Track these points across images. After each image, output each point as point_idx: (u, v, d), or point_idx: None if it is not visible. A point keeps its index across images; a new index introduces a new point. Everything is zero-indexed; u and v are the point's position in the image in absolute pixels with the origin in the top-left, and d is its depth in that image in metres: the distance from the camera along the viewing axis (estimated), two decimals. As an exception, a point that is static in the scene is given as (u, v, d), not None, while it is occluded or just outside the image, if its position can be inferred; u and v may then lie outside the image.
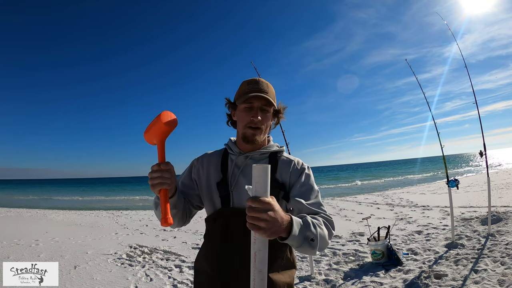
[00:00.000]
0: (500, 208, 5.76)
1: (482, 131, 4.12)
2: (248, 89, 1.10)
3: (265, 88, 1.11)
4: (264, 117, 1.11)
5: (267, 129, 1.15)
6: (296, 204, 1.04)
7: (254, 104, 1.09)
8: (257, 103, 1.09)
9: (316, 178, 1.18)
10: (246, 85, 1.12)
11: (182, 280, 3.39)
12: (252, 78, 1.14)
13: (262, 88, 1.10)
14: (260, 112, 1.10)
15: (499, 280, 2.63)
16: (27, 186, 44.71)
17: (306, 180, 1.11)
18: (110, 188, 37.08)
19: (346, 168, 77.66)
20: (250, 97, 1.08)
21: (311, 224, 0.90)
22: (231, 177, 1.13)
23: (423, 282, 2.80)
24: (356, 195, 13.10)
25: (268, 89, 1.12)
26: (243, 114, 1.11)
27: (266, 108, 1.11)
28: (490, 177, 4.40)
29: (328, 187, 21.80)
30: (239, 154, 1.15)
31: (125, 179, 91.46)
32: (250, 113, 1.09)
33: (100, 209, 13.18)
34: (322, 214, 1.03)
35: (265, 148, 1.17)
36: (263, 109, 1.11)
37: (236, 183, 1.11)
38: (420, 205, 7.73)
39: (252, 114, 1.09)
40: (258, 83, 1.12)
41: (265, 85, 1.12)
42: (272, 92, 1.14)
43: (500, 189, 8.87)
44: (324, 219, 1.01)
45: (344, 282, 3.06)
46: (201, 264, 1.15)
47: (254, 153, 1.15)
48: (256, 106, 1.09)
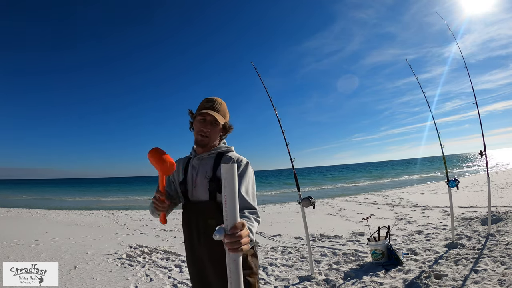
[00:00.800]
0: (500, 208, 5.77)
1: (482, 131, 4.12)
2: (204, 106, 1.44)
3: (217, 106, 1.44)
4: (212, 129, 1.44)
5: (216, 138, 1.48)
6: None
7: (206, 117, 1.43)
8: (209, 117, 1.43)
9: (316, 178, 1.24)
10: (205, 102, 1.46)
11: (182, 280, 3.38)
12: (210, 97, 1.48)
13: (215, 106, 1.44)
14: (209, 125, 1.43)
15: (499, 280, 2.62)
16: (27, 186, 44.71)
17: (240, 176, 1.31)
18: (110, 188, 37.08)
19: (346, 168, 77.67)
20: (203, 112, 1.41)
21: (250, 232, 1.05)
22: (190, 176, 1.47)
23: (423, 282, 2.80)
24: (356, 195, 13.10)
25: (220, 108, 1.45)
26: (197, 124, 1.44)
27: (215, 123, 1.44)
28: (490, 177, 4.40)
29: (328, 187, 21.82)
30: (194, 157, 1.49)
31: (125, 179, 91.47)
32: (202, 124, 1.43)
33: (100, 209, 13.19)
34: (249, 209, 1.24)
35: (214, 149, 1.47)
36: (212, 123, 1.43)
37: (193, 181, 1.45)
38: (420, 205, 7.74)
39: (203, 126, 1.43)
40: (213, 102, 1.45)
41: (218, 103, 1.46)
42: (223, 110, 1.46)
43: (500, 189, 8.88)
44: (251, 213, 1.22)
45: (344, 282, 3.06)
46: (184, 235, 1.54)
47: (204, 154, 1.47)
48: (208, 119, 1.43)
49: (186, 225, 1.47)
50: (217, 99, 1.48)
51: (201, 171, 1.44)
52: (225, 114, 1.49)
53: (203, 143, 1.44)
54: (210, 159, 1.46)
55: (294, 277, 3.31)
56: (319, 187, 21.95)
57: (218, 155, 1.46)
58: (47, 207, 13.50)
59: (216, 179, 1.38)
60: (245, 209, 1.22)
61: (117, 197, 22.10)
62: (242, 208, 1.21)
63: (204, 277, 1.43)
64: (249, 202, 1.26)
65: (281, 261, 3.90)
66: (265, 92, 3.46)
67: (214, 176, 1.39)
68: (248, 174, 1.36)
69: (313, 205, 3.18)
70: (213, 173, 1.40)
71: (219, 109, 1.45)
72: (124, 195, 23.56)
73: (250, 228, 1.08)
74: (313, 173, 52.49)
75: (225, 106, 1.50)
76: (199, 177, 1.43)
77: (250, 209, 1.24)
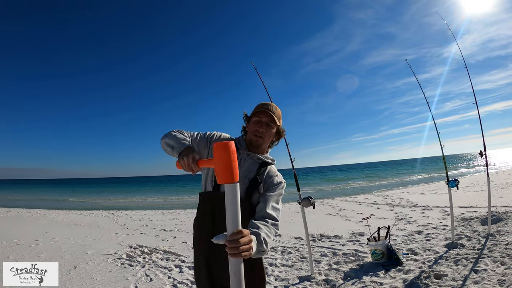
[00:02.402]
0: (500, 208, 5.77)
1: (482, 131, 4.12)
2: (261, 108, 1.47)
3: (273, 109, 1.47)
4: (267, 130, 1.45)
5: (269, 141, 1.49)
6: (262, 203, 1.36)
7: (262, 119, 1.44)
8: (265, 119, 1.44)
9: (316, 178, 1.29)
10: (261, 105, 1.49)
11: (182, 280, 3.38)
12: (266, 102, 1.52)
13: (271, 109, 1.46)
14: (265, 126, 1.44)
15: (499, 280, 2.63)
16: (27, 186, 44.70)
17: (277, 193, 1.42)
18: (110, 188, 37.08)
19: (346, 168, 77.64)
20: (260, 112, 1.45)
21: (263, 241, 1.16)
22: None
23: (423, 282, 2.80)
24: (356, 195, 13.10)
25: (275, 111, 1.47)
26: (253, 125, 1.46)
27: (270, 124, 1.45)
28: (490, 177, 4.40)
29: (328, 187, 21.81)
30: (244, 150, 1.47)
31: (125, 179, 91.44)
32: (257, 124, 1.44)
33: (100, 209, 13.18)
34: (273, 221, 1.31)
35: (261, 155, 1.48)
36: (268, 124, 1.45)
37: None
38: (420, 205, 7.74)
39: (258, 126, 1.44)
40: (269, 105, 1.48)
41: (274, 107, 1.49)
42: (278, 114, 1.48)
43: (500, 189, 8.88)
44: (273, 225, 1.29)
45: (344, 282, 3.06)
46: (196, 224, 1.53)
47: (254, 155, 1.46)
48: (264, 121, 1.44)
49: (210, 216, 1.42)
50: (272, 103, 1.51)
51: (245, 168, 1.44)
52: (280, 118, 1.51)
53: (258, 143, 1.45)
54: (256, 163, 1.47)
55: (294, 277, 3.31)
56: (319, 187, 21.94)
57: (263, 163, 1.48)
58: (47, 207, 13.49)
59: (257, 182, 1.41)
60: (270, 219, 1.31)
61: (117, 197, 22.09)
62: (268, 217, 1.31)
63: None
64: (274, 216, 1.34)
65: (281, 261, 3.90)
66: (265, 92, 3.46)
67: (256, 178, 1.42)
68: (281, 192, 1.45)
69: (313, 205, 3.18)
70: (255, 175, 1.43)
71: (275, 112, 1.47)
72: (124, 195, 23.55)
73: (265, 238, 1.18)
74: (313, 173, 52.48)
75: (280, 112, 1.52)
76: (241, 173, 1.40)
77: (274, 221, 1.32)
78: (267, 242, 1.19)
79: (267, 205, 1.35)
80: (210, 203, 1.43)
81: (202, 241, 1.46)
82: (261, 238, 1.16)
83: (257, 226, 1.21)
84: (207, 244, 1.39)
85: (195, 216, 1.55)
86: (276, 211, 1.36)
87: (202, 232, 1.46)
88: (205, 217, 1.44)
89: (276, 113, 1.47)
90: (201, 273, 1.46)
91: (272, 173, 1.47)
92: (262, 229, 1.20)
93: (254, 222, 1.25)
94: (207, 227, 1.42)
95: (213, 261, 1.42)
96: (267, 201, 1.37)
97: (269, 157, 1.52)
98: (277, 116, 1.47)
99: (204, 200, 1.47)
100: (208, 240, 1.37)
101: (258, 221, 1.27)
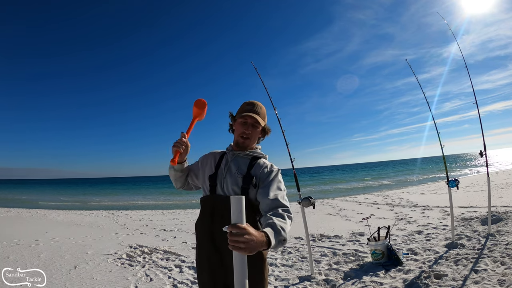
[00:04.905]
0: (500, 208, 5.77)
1: (482, 131, 4.12)
2: (245, 109, 1.51)
3: (258, 109, 1.51)
4: (253, 131, 1.50)
5: (255, 140, 1.55)
6: (260, 196, 1.37)
7: (248, 120, 1.48)
8: (250, 120, 1.48)
9: (316, 178, 1.27)
10: (245, 105, 1.52)
11: (182, 280, 3.38)
12: (251, 101, 1.55)
13: (256, 109, 1.50)
14: (251, 127, 1.49)
15: (499, 280, 2.62)
16: (27, 186, 44.68)
17: (272, 180, 1.42)
18: (110, 188, 37.06)
19: (346, 168, 77.63)
20: (245, 115, 1.47)
21: (281, 229, 1.14)
22: (222, 170, 1.49)
23: (423, 282, 2.80)
24: (356, 195, 13.11)
25: (260, 111, 1.52)
26: (239, 126, 1.50)
27: (256, 125, 1.50)
28: (490, 177, 4.40)
29: (328, 187, 21.81)
30: (230, 151, 1.53)
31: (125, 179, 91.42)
32: (244, 126, 1.49)
33: (100, 209, 13.18)
34: (282, 208, 1.30)
35: (250, 151, 1.52)
36: (254, 125, 1.50)
37: (223, 177, 1.47)
38: (420, 205, 7.74)
39: (245, 128, 1.48)
40: (254, 105, 1.52)
41: (259, 107, 1.53)
42: (263, 113, 1.53)
43: (500, 189, 8.88)
44: (284, 211, 1.28)
45: (344, 282, 3.06)
46: (197, 226, 1.55)
47: (240, 152, 1.51)
48: (249, 122, 1.48)
49: (210, 216, 1.45)
50: (257, 103, 1.54)
51: (235, 167, 1.47)
52: (265, 117, 1.55)
53: (244, 144, 1.50)
54: (245, 159, 1.50)
55: (294, 277, 3.31)
56: (319, 187, 21.94)
57: (253, 158, 1.51)
58: (47, 207, 13.50)
59: (250, 176, 1.42)
60: (278, 207, 1.30)
61: (117, 197, 22.09)
62: (276, 207, 1.31)
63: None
64: (281, 202, 1.34)
65: (281, 261, 3.90)
66: (265, 92, 3.46)
67: (248, 174, 1.44)
68: (279, 178, 1.45)
69: (313, 205, 3.18)
70: (247, 171, 1.45)
71: (260, 112, 1.51)
72: (124, 195, 23.54)
73: (281, 226, 1.16)
74: (313, 173, 52.46)
75: (265, 110, 1.56)
76: (232, 173, 1.45)
77: (283, 207, 1.31)
78: (284, 228, 1.17)
79: (268, 195, 1.35)
80: (208, 205, 1.48)
81: (204, 241, 1.48)
82: (278, 227, 1.14)
83: (268, 218, 1.20)
84: (208, 243, 1.44)
85: (197, 218, 1.58)
86: (279, 196, 1.35)
87: (203, 233, 1.48)
88: (205, 217, 1.48)
89: (261, 113, 1.51)
90: (204, 276, 1.47)
91: (262, 164, 1.48)
92: (273, 219, 1.18)
93: (264, 216, 1.25)
94: (207, 225, 1.46)
95: (216, 262, 1.42)
96: (267, 191, 1.36)
97: (258, 152, 1.55)
98: (262, 116, 1.51)
99: (203, 203, 1.52)
100: (209, 239, 1.44)
101: (267, 213, 1.25)
